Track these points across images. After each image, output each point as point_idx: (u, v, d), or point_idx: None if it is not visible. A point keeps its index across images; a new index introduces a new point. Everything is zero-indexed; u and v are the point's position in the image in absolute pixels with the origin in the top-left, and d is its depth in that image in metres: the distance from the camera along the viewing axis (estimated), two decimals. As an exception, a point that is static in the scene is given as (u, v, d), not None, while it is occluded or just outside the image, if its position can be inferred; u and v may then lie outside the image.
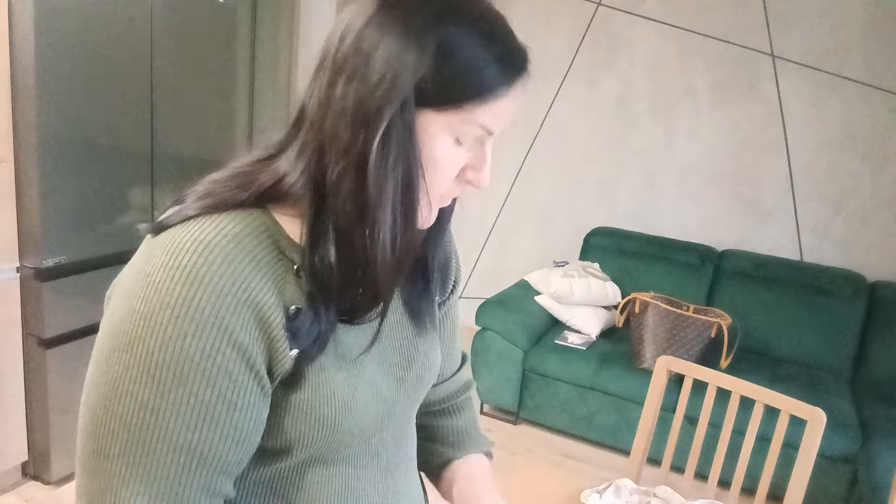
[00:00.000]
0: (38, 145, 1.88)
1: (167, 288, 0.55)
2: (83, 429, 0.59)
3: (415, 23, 0.56)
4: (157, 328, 0.55)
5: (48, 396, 2.05)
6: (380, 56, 0.56)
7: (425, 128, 0.58)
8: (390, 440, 0.74)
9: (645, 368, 2.64)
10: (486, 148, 0.63)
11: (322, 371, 0.62)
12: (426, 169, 0.60)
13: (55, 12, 1.85)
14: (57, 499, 2.11)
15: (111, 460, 0.56)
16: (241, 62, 2.70)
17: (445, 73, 0.56)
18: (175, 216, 0.59)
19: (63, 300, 2.04)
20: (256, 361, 0.58)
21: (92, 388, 0.58)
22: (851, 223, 3.06)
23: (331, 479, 0.69)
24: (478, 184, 0.64)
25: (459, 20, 0.57)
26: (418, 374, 0.75)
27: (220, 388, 0.57)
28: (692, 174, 3.33)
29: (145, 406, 0.55)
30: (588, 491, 1.23)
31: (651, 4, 3.28)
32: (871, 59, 2.92)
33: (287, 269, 0.60)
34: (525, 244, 3.79)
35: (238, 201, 0.60)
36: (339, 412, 0.64)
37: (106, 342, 0.58)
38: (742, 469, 1.46)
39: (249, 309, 0.57)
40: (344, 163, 0.57)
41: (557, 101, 3.57)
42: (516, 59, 0.61)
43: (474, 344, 2.90)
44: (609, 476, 1.50)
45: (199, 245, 0.56)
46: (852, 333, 2.82)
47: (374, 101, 0.56)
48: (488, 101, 0.58)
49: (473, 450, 0.92)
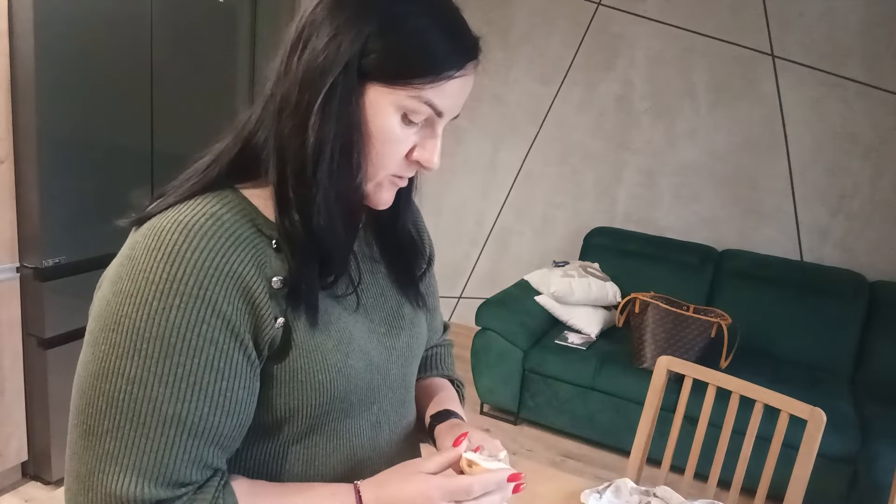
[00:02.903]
0: (38, 145, 1.88)
1: (151, 267, 0.57)
2: (73, 412, 0.61)
3: (354, 2, 0.60)
4: (143, 304, 0.57)
5: (48, 396, 2.05)
6: (326, 26, 0.60)
7: (374, 101, 0.61)
8: (390, 409, 0.77)
9: (645, 368, 2.64)
10: (437, 129, 0.66)
11: (311, 338, 0.65)
12: (373, 142, 0.63)
13: (55, 12, 1.85)
14: (57, 499, 2.11)
15: (100, 438, 0.58)
16: (241, 62, 2.70)
17: (395, 48, 0.60)
18: (156, 207, 0.63)
19: (63, 300, 2.04)
20: (241, 331, 0.60)
21: (81, 369, 0.60)
22: (851, 223, 3.06)
23: (336, 450, 0.71)
24: (426, 164, 0.66)
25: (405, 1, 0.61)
26: (407, 343, 0.78)
27: (206, 357, 0.58)
28: (692, 174, 3.34)
29: (133, 381, 0.57)
30: (588, 491, 1.23)
31: (651, 4, 3.28)
32: (871, 59, 2.92)
33: (266, 244, 0.63)
34: (525, 244, 3.79)
35: (210, 179, 0.63)
36: (333, 377, 0.66)
37: (94, 326, 0.60)
38: (742, 469, 1.46)
39: (232, 281, 0.59)
40: (292, 123, 0.61)
41: (557, 101, 3.57)
42: (467, 43, 0.63)
43: (474, 344, 2.90)
44: (609, 476, 1.50)
45: (180, 226, 0.59)
46: (852, 333, 2.82)
47: (318, 65, 0.60)
48: (436, 82, 0.61)
49: (436, 373, 0.96)
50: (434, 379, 0.95)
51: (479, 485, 0.64)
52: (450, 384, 0.96)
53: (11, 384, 2.01)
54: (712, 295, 3.08)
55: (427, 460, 0.68)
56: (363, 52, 0.60)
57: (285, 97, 0.61)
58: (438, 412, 0.85)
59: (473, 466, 0.68)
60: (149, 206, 0.65)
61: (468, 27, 0.64)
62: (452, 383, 0.97)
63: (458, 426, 0.81)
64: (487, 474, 0.66)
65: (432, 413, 0.86)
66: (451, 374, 0.98)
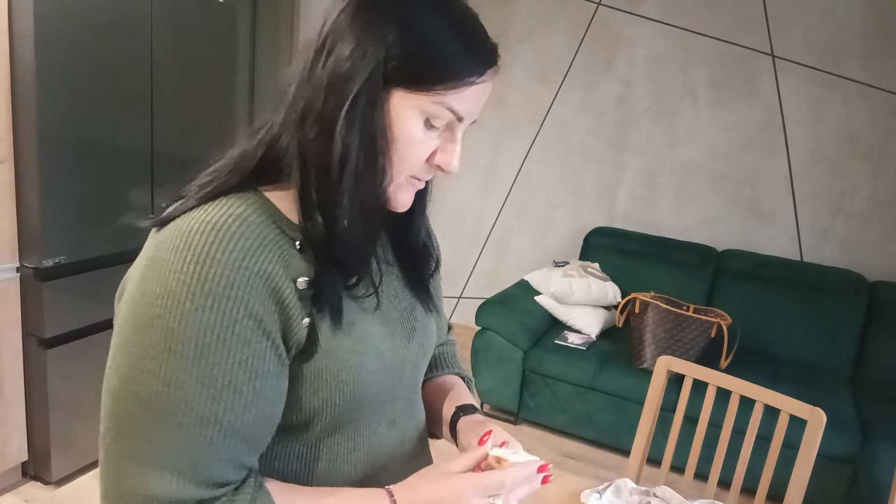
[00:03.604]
0: (38, 145, 1.88)
1: (181, 268, 0.58)
2: (106, 416, 0.60)
3: (383, 5, 0.62)
4: (175, 305, 0.57)
5: (48, 396, 2.05)
6: (350, 33, 0.61)
7: (397, 106, 0.63)
8: (403, 409, 0.79)
9: (645, 368, 2.64)
10: (457, 134, 0.68)
11: (333, 338, 0.65)
12: (397, 146, 0.64)
13: (55, 12, 1.85)
14: (57, 499, 2.11)
15: (136, 440, 0.58)
16: (241, 62, 2.70)
17: (418, 55, 0.61)
18: (177, 209, 0.63)
19: (63, 300, 2.04)
20: (272, 331, 0.61)
21: (113, 375, 0.60)
22: (851, 223, 3.06)
23: (355, 448, 0.72)
24: (447, 167, 0.68)
25: (429, 7, 0.62)
26: (420, 343, 0.79)
27: (240, 357, 0.59)
28: (692, 174, 3.34)
29: (168, 382, 0.57)
30: (588, 491, 1.23)
31: (651, 4, 3.28)
32: (871, 59, 2.92)
33: (289, 245, 0.63)
34: (525, 244, 3.79)
35: (233, 184, 0.64)
36: (355, 377, 0.67)
37: (124, 329, 0.60)
38: (742, 469, 1.46)
39: (262, 281, 0.60)
40: (317, 128, 0.62)
41: (557, 101, 3.57)
42: (487, 51, 0.65)
43: (474, 344, 2.90)
44: (609, 476, 1.50)
45: (208, 226, 0.59)
46: (852, 333, 2.82)
47: (344, 71, 0.61)
48: (458, 88, 0.63)
49: (446, 371, 0.98)
50: (446, 377, 0.97)
51: (510, 478, 0.66)
52: (461, 381, 0.97)
53: (11, 384, 2.01)
54: (712, 295, 3.08)
55: (454, 461, 0.69)
56: (387, 59, 0.61)
57: (309, 103, 0.62)
58: (460, 406, 0.87)
59: (502, 462, 0.70)
60: (167, 207, 0.65)
61: (487, 33, 0.66)
62: (463, 380, 0.99)
63: (481, 423, 0.82)
64: (518, 467, 0.68)
65: (452, 408, 0.87)
66: (462, 371, 1.00)
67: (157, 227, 0.63)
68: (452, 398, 0.90)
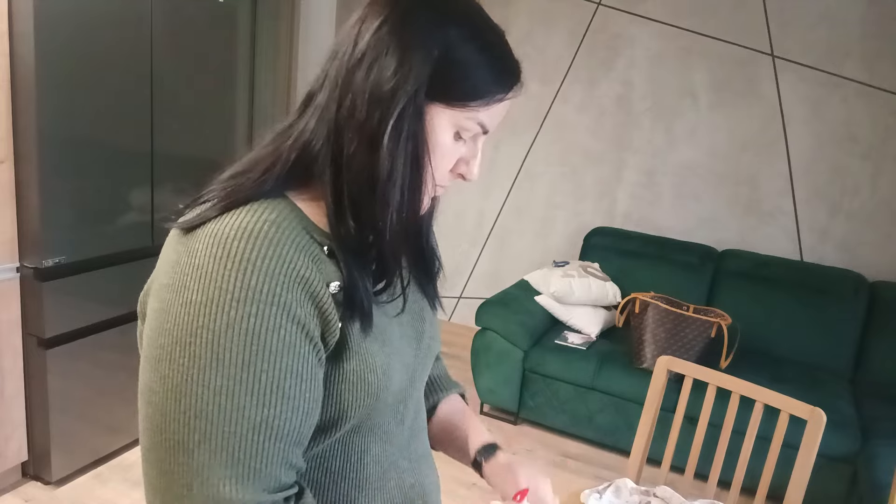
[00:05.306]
0: (38, 145, 1.88)
1: (221, 275, 0.58)
2: (151, 429, 0.60)
3: (428, 22, 0.64)
4: (219, 314, 0.57)
5: (48, 396, 2.05)
6: (397, 47, 0.63)
7: (433, 118, 0.66)
8: (412, 408, 0.81)
9: (645, 368, 2.64)
10: (479, 144, 0.72)
11: (363, 341, 0.67)
12: (433, 157, 0.67)
13: (55, 12, 1.85)
14: (57, 499, 2.11)
15: (192, 451, 0.58)
16: (241, 62, 2.69)
17: (458, 73, 0.65)
18: (206, 213, 0.63)
19: (63, 300, 2.05)
20: (314, 334, 0.62)
21: (157, 386, 0.59)
22: (851, 223, 3.06)
23: (369, 448, 0.74)
24: (469, 176, 0.73)
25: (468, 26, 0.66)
26: (428, 345, 0.82)
27: (286, 362, 0.60)
28: (692, 174, 3.34)
29: (219, 391, 0.58)
30: (588, 491, 1.23)
31: (651, 4, 3.28)
32: (871, 59, 2.92)
33: (319, 250, 0.64)
34: (525, 244, 3.79)
35: (266, 189, 0.65)
36: (381, 379, 0.69)
37: (164, 339, 0.59)
38: (742, 469, 1.46)
39: (300, 286, 0.61)
40: (358, 139, 0.64)
41: (557, 101, 3.57)
42: (515, 68, 0.69)
43: (474, 344, 2.90)
44: (609, 476, 1.50)
45: (244, 233, 0.60)
46: (852, 333, 2.82)
47: (391, 84, 0.63)
48: (490, 104, 0.67)
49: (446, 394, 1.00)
50: (452, 402, 0.99)
51: None
52: (462, 400, 1.01)
53: (11, 384, 2.01)
54: (712, 295, 3.08)
55: None
56: (431, 75, 0.63)
57: (349, 113, 0.64)
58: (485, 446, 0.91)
59: None
60: (190, 210, 0.65)
61: (512, 52, 0.69)
62: (462, 397, 1.02)
63: (509, 469, 0.87)
64: None
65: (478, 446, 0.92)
66: (459, 388, 1.03)
67: (183, 230, 0.63)
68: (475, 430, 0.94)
